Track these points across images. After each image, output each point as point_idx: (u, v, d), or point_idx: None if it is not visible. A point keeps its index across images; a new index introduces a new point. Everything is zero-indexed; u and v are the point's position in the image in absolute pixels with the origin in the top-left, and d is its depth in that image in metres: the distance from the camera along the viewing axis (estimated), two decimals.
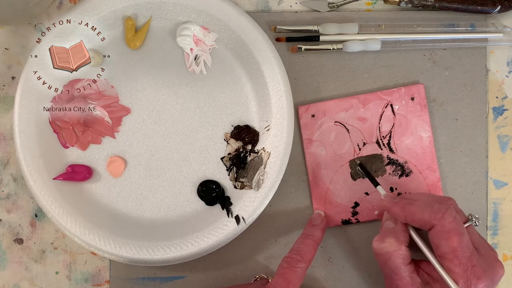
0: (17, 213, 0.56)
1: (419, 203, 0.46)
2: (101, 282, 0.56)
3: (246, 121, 0.55)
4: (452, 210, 0.45)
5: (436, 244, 0.44)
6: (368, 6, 0.56)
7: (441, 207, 0.45)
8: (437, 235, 0.44)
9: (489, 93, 0.55)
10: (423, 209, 0.45)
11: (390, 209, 0.48)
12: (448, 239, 0.44)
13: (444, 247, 0.44)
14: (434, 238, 0.45)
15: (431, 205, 0.45)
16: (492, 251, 0.47)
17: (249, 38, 0.53)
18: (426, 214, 0.45)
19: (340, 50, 0.54)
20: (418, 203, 0.46)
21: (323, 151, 0.55)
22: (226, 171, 0.55)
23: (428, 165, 0.54)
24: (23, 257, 0.56)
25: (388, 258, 0.46)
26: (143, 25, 0.54)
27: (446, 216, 0.44)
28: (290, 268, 0.48)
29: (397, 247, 0.45)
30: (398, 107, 0.54)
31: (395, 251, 0.45)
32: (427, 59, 0.55)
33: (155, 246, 0.53)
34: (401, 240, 0.46)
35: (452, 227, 0.44)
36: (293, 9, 0.56)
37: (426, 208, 0.45)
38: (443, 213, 0.44)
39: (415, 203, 0.46)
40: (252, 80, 0.54)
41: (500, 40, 0.55)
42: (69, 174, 0.54)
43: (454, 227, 0.44)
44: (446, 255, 0.44)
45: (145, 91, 0.55)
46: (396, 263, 0.45)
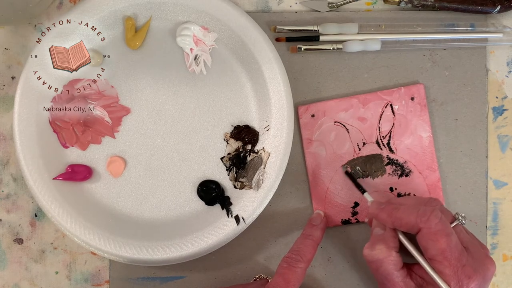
0: (17, 213, 0.56)
1: (405, 208, 0.46)
2: (101, 282, 0.56)
3: (246, 121, 0.55)
4: (438, 211, 0.45)
5: (424, 246, 0.44)
6: (368, 6, 0.56)
7: (426, 210, 0.45)
8: (424, 237, 0.44)
9: (489, 93, 0.55)
10: (409, 213, 0.45)
11: (377, 216, 0.48)
12: (435, 241, 0.43)
13: (432, 250, 0.44)
14: (422, 241, 0.44)
15: (416, 208, 0.45)
16: (483, 248, 0.47)
17: (249, 38, 0.53)
18: (412, 218, 0.45)
19: (340, 50, 0.55)
20: (404, 208, 0.46)
21: (323, 151, 0.55)
22: (226, 171, 0.55)
23: (428, 165, 0.54)
24: (23, 257, 0.56)
25: (379, 265, 0.45)
26: (143, 25, 0.54)
27: (432, 218, 0.44)
28: (290, 268, 0.48)
29: (388, 253, 0.45)
30: (398, 107, 0.54)
31: (385, 257, 0.45)
32: (427, 59, 0.55)
33: (155, 246, 0.53)
34: (391, 246, 0.46)
35: (439, 228, 0.44)
36: (293, 9, 0.56)
37: (411, 212, 0.45)
38: (428, 215, 0.44)
39: (401, 207, 0.46)
40: (252, 80, 0.54)
41: (500, 40, 0.55)
42: (69, 174, 0.54)
43: (441, 228, 0.44)
44: (435, 257, 0.44)
45: (145, 91, 0.55)
46: (388, 269, 0.45)
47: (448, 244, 0.43)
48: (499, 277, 0.56)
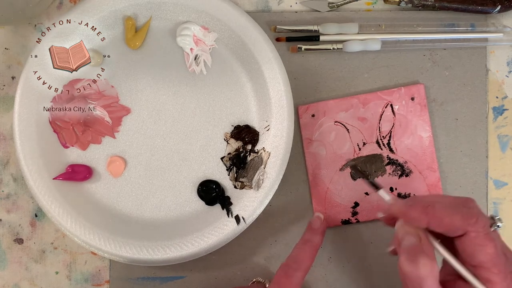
0: (17, 213, 0.56)
1: (443, 206, 0.40)
2: (101, 282, 0.56)
3: (246, 121, 0.55)
4: (484, 215, 0.40)
5: (470, 253, 0.39)
6: (368, 6, 0.56)
7: (472, 212, 0.40)
8: (472, 242, 0.39)
9: (489, 93, 0.55)
10: (451, 212, 0.40)
11: (407, 214, 0.41)
12: (484, 246, 0.39)
13: (480, 255, 0.39)
14: (468, 246, 0.39)
15: (458, 209, 0.40)
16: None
17: (249, 38, 0.53)
18: (457, 219, 0.39)
19: (340, 50, 0.54)
20: (441, 206, 0.40)
21: (323, 151, 0.55)
22: (226, 171, 0.55)
23: (428, 165, 0.54)
24: (23, 257, 0.56)
25: (423, 281, 0.39)
26: (143, 25, 0.54)
27: (481, 221, 0.39)
28: (287, 277, 0.47)
29: (432, 268, 0.39)
30: (398, 107, 0.54)
31: (430, 272, 0.39)
32: (427, 59, 0.55)
33: (155, 246, 0.53)
34: (432, 257, 0.39)
35: (487, 232, 0.39)
36: (293, 9, 0.56)
37: (454, 212, 0.40)
38: (476, 218, 0.39)
39: (436, 205, 0.40)
40: (252, 80, 0.54)
41: (500, 40, 0.55)
42: (69, 174, 0.54)
43: (489, 232, 0.39)
44: (483, 264, 0.39)
45: (145, 91, 0.55)
46: (433, 286, 0.39)
47: (496, 250, 0.39)
48: None
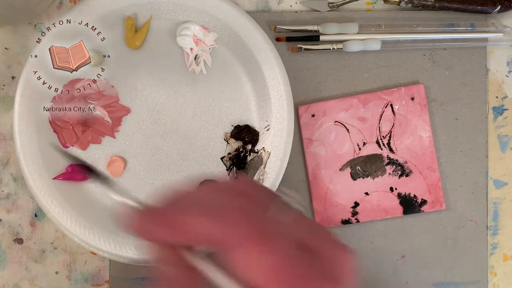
0: (17, 213, 0.56)
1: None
2: (101, 282, 0.56)
3: (246, 121, 0.55)
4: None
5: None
6: (368, 6, 0.56)
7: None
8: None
9: (489, 93, 0.55)
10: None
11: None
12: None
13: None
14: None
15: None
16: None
17: (249, 38, 0.53)
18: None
19: (340, 50, 0.54)
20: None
21: (323, 151, 0.55)
22: (226, 171, 0.55)
23: (428, 165, 0.54)
24: (23, 257, 0.56)
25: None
26: (143, 25, 0.54)
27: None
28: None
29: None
30: (398, 107, 0.54)
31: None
32: (427, 59, 0.55)
33: None
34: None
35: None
36: (293, 9, 0.56)
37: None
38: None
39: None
40: (252, 80, 0.54)
41: (500, 40, 0.55)
42: (69, 174, 0.54)
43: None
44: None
45: (145, 91, 0.55)
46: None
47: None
48: (499, 277, 0.56)
